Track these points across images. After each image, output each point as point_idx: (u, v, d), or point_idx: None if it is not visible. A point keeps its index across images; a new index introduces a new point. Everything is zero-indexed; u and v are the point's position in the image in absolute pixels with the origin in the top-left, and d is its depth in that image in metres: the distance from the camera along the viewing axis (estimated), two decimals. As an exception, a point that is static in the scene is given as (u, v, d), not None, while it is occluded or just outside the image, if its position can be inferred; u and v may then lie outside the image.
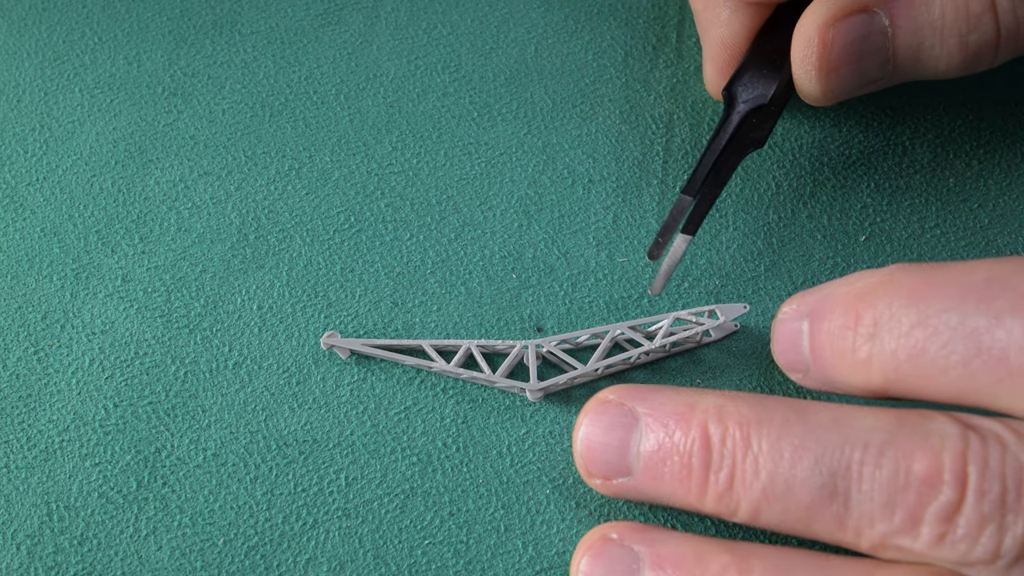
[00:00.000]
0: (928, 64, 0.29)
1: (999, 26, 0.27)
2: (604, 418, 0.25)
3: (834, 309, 0.24)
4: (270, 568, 0.27)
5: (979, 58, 0.28)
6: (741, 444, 0.23)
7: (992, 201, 0.32)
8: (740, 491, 0.23)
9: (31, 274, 0.31)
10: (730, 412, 0.24)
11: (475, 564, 0.27)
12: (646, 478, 0.25)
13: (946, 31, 0.28)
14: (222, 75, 0.34)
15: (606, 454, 0.25)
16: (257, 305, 0.30)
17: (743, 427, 0.23)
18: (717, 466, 0.23)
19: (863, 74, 0.29)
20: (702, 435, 0.24)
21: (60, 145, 0.33)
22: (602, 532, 0.25)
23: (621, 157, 0.33)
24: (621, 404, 0.25)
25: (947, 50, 0.28)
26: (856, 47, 0.28)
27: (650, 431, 0.25)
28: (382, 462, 0.28)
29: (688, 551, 0.24)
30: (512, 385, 0.28)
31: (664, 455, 0.24)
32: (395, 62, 0.35)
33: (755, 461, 0.23)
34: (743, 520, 0.24)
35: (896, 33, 0.28)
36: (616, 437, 0.25)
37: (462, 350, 0.29)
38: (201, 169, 0.33)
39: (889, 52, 0.28)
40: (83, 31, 0.35)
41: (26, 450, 0.28)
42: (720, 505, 0.24)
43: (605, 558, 0.25)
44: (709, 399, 0.24)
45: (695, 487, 0.24)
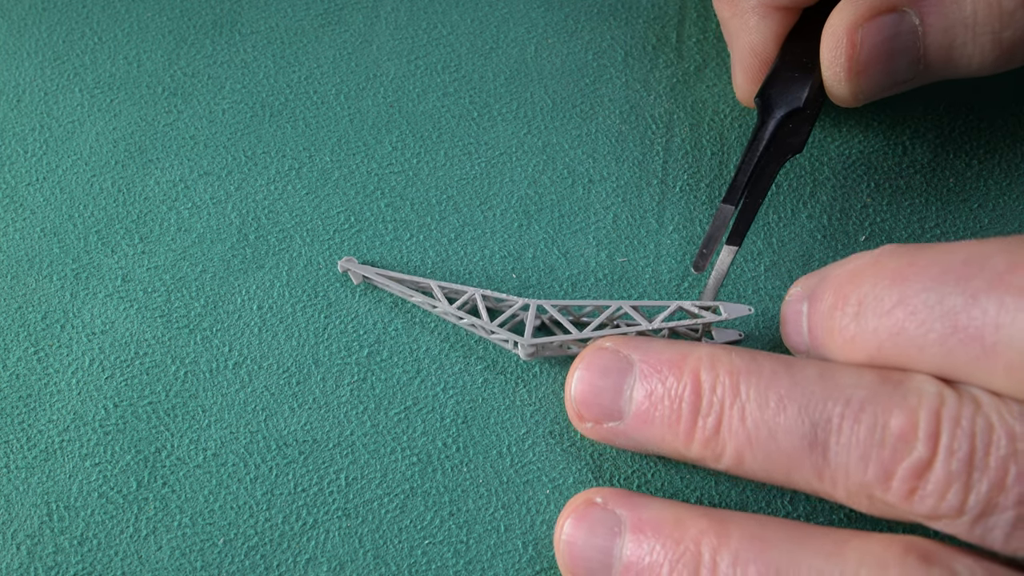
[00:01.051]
0: (960, 62, 0.28)
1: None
2: (599, 363, 0.26)
3: (827, 290, 0.25)
4: (270, 568, 0.27)
5: (1013, 55, 0.28)
6: (730, 391, 0.24)
7: (992, 201, 0.32)
8: (726, 436, 0.24)
9: (31, 274, 0.31)
10: (722, 361, 0.24)
11: (475, 564, 0.27)
12: (636, 422, 0.25)
13: (978, 29, 0.27)
14: (222, 75, 0.34)
15: (599, 397, 0.26)
16: (257, 305, 0.30)
17: (733, 375, 0.24)
18: (706, 411, 0.24)
19: (893, 74, 0.29)
20: (693, 381, 0.24)
21: (60, 145, 0.33)
22: (587, 496, 0.26)
23: (621, 157, 0.33)
24: (617, 351, 0.26)
25: (980, 48, 0.28)
26: (886, 47, 0.28)
27: (643, 377, 0.25)
28: (382, 462, 0.28)
29: (668, 516, 0.24)
30: (507, 338, 0.28)
31: (655, 400, 0.25)
32: (395, 62, 0.35)
33: (742, 408, 0.24)
34: (726, 466, 0.24)
35: (927, 32, 0.28)
36: (610, 381, 0.26)
37: (467, 295, 0.29)
38: (201, 169, 0.33)
39: (920, 51, 0.28)
40: (83, 31, 0.35)
41: (26, 450, 0.28)
42: (706, 450, 0.24)
43: (588, 520, 0.25)
44: (702, 349, 0.25)
45: (683, 432, 0.25)
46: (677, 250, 0.31)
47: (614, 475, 0.28)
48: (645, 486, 0.28)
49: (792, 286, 0.26)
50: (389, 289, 0.30)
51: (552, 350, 0.29)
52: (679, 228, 0.31)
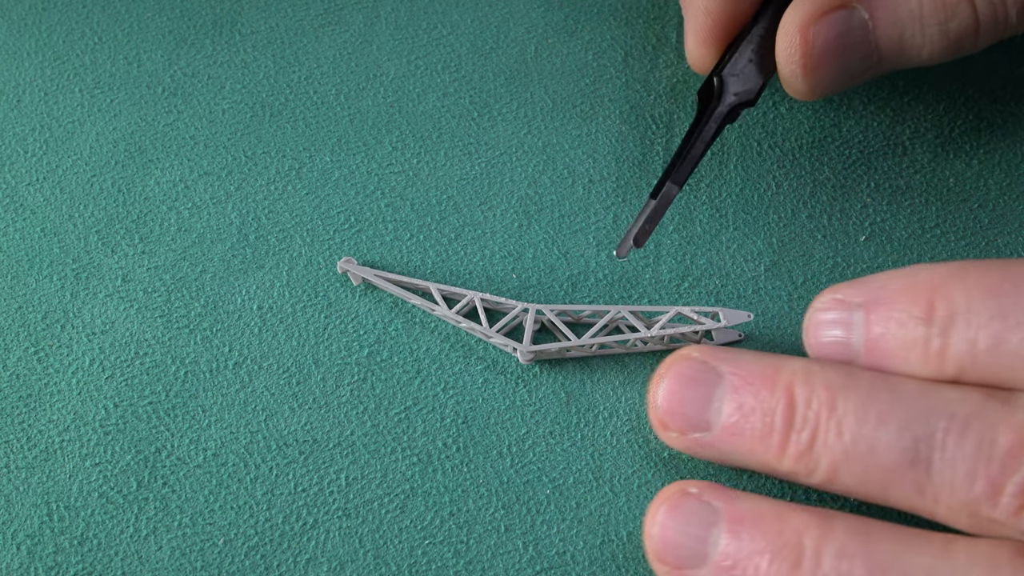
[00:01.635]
0: (912, 53, 0.29)
1: (976, 12, 0.28)
2: (686, 373, 0.26)
3: (898, 300, 0.24)
4: (270, 568, 0.27)
5: (961, 44, 0.29)
6: (826, 406, 0.24)
7: (992, 201, 0.32)
8: (821, 451, 0.23)
9: (31, 274, 0.31)
10: (817, 375, 0.24)
11: (475, 564, 0.27)
12: (725, 434, 0.25)
13: (925, 21, 0.28)
14: (222, 75, 0.34)
15: (686, 407, 0.25)
16: (257, 305, 0.30)
17: (829, 390, 0.24)
18: (800, 425, 0.24)
19: (848, 67, 0.29)
20: (787, 395, 0.24)
21: (60, 145, 0.33)
22: (680, 487, 0.25)
23: (621, 157, 0.33)
24: (704, 362, 0.25)
25: (929, 39, 0.28)
26: (838, 42, 0.28)
27: (734, 389, 0.25)
28: (382, 462, 0.28)
29: (767, 509, 0.24)
30: (505, 343, 0.28)
31: (746, 412, 0.24)
32: (395, 62, 0.35)
33: (839, 423, 0.23)
34: (819, 481, 0.24)
35: (876, 26, 0.28)
36: (698, 391, 0.25)
37: (465, 299, 0.29)
38: (201, 169, 0.33)
39: (872, 45, 0.29)
40: (83, 31, 0.35)
41: (26, 450, 0.28)
42: (799, 464, 0.24)
43: (683, 510, 0.25)
44: (796, 363, 0.25)
45: (775, 444, 0.24)
46: (677, 250, 0.31)
47: (614, 475, 0.28)
48: (645, 486, 0.28)
49: (819, 298, 0.26)
50: (389, 290, 0.30)
51: (551, 355, 0.29)
52: (679, 228, 0.31)
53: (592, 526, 0.27)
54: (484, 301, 0.29)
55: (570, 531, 0.27)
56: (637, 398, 0.29)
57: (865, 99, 0.34)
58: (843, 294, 0.25)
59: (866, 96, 0.34)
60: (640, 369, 0.29)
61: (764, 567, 0.23)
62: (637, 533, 0.27)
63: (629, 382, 0.29)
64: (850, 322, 0.25)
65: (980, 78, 0.34)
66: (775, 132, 0.33)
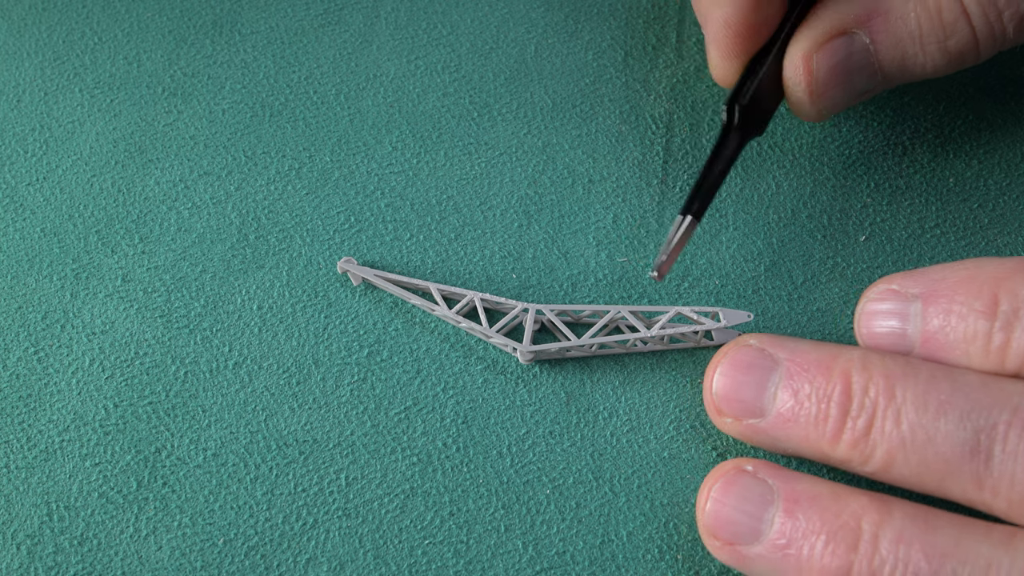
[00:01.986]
0: (916, 70, 0.29)
1: (974, 29, 0.28)
2: (743, 359, 0.26)
3: (959, 293, 0.24)
4: (270, 568, 0.27)
5: (963, 59, 0.29)
6: (884, 394, 0.24)
7: (992, 201, 0.32)
8: (877, 438, 0.23)
9: (31, 274, 0.31)
10: (875, 363, 0.24)
11: (475, 564, 0.27)
12: (779, 420, 0.25)
13: (924, 40, 0.29)
14: (222, 75, 0.34)
15: (741, 393, 0.26)
16: (257, 305, 0.30)
17: (888, 378, 0.24)
18: (856, 412, 0.24)
19: (853, 88, 0.30)
20: (844, 382, 0.24)
21: (60, 145, 0.33)
22: (736, 463, 0.25)
23: (621, 157, 0.33)
24: (762, 349, 0.26)
25: (930, 57, 0.29)
26: (841, 68, 0.29)
27: (789, 375, 0.25)
28: (382, 462, 0.28)
29: (824, 490, 0.24)
30: (505, 343, 0.28)
31: (801, 398, 0.25)
32: (395, 62, 0.35)
33: (897, 411, 0.23)
34: (874, 469, 0.24)
35: (878, 49, 0.29)
36: (753, 378, 0.25)
37: (465, 299, 0.29)
38: (201, 169, 0.33)
39: (875, 66, 0.29)
40: (83, 31, 0.35)
41: (26, 450, 0.28)
42: (853, 451, 0.24)
43: (739, 487, 0.25)
44: (854, 351, 0.25)
45: (830, 431, 0.24)
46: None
47: (614, 475, 0.28)
48: (645, 486, 0.28)
49: (872, 288, 0.26)
50: (388, 290, 0.30)
51: (551, 355, 0.29)
52: (679, 228, 0.31)
53: (592, 526, 0.27)
54: (484, 301, 0.29)
55: (570, 531, 0.27)
56: (637, 398, 0.29)
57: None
58: (899, 284, 0.25)
59: (866, 96, 0.34)
60: (640, 369, 0.29)
61: (819, 548, 0.23)
62: (637, 533, 0.27)
63: (629, 382, 0.29)
64: (906, 313, 0.25)
65: (980, 78, 0.34)
66: (775, 132, 0.33)
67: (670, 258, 0.28)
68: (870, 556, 0.23)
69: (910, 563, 0.22)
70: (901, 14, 0.28)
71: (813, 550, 0.23)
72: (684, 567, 0.27)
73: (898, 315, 0.25)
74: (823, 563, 0.23)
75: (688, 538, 0.27)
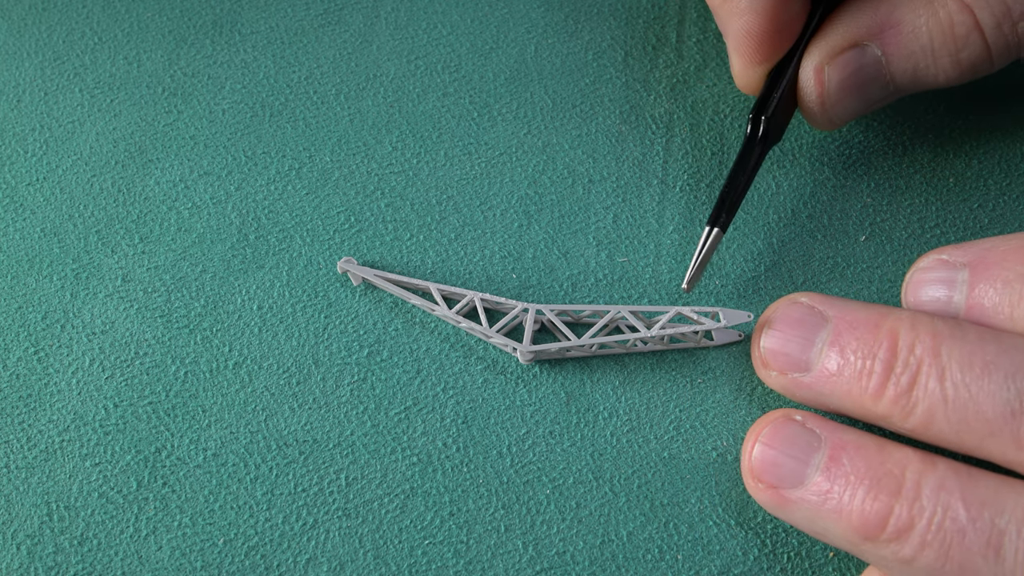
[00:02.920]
0: (928, 81, 0.30)
1: (987, 41, 0.28)
2: (792, 315, 0.26)
3: (1007, 260, 0.25)
4: (270, 568, 0.27)
5: (976, 70, 0.29)
6: (930, 352, 0.24)
7: (992, 201, 0.32)
8: (919, 395, 0.24)
9: (31, 274, 0.31)
10: (924, 323, 0.24)
11: (475, 564, 0.27)
12: (823, 375, 0.25)
13: (937, 53, 0.29)
14: (222, 75, 0.34)
15: (787, 346, 0.26)
16: (257, 305, 0.30)
17: (935, 337, 0.24)
18: (900, 369, 0.24)
19: (866, 99, 0.30)
20: (891, 339, 0.24)
21: (60, 145, 0.33)
22: (785, 412, 0.26)
23: (621, 157, 0.33)
24: (812, 306, 0.26)
25: (942, 69, 0.29)
26: (853, 79, 0.29)
27: (837, 332, 0.25)
28: (382, 462, 0.28)
29: (870, 441, 0.24)
30: (505, 343, 0.28)
31: (847, 354, 0.25)
32: (395, 62, 0.35)
33: (941, 369, 0.24)
34: (913, 426, 0.24)
35: (890, 61, 0.29)
36: (801, 332, 0.26)
37: (465, 299, 0.29)
38: (201, 169, 0.33)
39: (887, 78, 0.29)
40: (83, 31, 0.35)
41: (26, 450, 0.28)
42: (895, 407, 0.24)
43: (786, 433, 0.25)
44: (903, 312, 0.25)
45: (873, 386, 0.24)
46: (677, 250, 0.31)
47: (614, 475, 0.28)
48: (645, 486, 0.28)
49: (923, 258, 0.27)
50: (389, 290, 0.30)
51: (551, 355, 0.29)
52: (679, 228, 0.31)
53: (592, 526, 0.27)
54: (484, 301, 0.29)
55: (570, 531, 0.27)
56: (637, 398, 0.29)
57: (865, 99, 0.34)
58: (948, 255, 0.26)
59: (866, 96, 0.34)
60: (640, 369, 0.29)
61: (861, 494, 0.24)
62: (637, 533, 0.27)
63: (629, 382, 0.29)
64: (953, 280, 0.26)
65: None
66: (775, 132, 0.33)
67: (699, 270, 0.29)
68: (911, 502, 0.23)
69: (949, 510, 0.23)
70: (913, 27, 0.29)
71: (855, 495, 0.24)
72: (684, 567, 0.27)
73: (945, 283, 0.26)
74: (863, 507, 0.24)
75: (688, 538, 0.27)
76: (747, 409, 0.29)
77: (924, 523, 0.23)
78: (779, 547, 0.27)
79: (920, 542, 0.23)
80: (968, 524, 0.22)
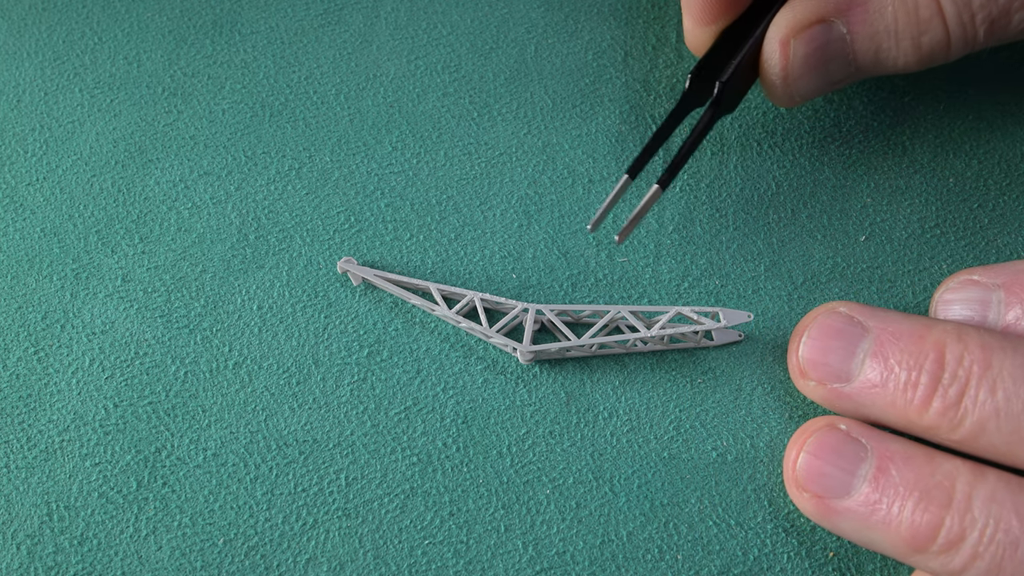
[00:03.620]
0: (887, 63, 0.30)
1: (947, 28, 0.29)
2: (832, 324, 0.26)
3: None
4: (270, 568, 0.27)
5: (933, 57, 0.29)
6: (980, 364, 0.24)
7: (992, 201, 0.32)
8: (969, 406, 0.24)
9: (31, 274, 0.31)
10: (972, 335, 0.24)
11: (475, 564, 0.27)
12: (865, 386, 0.25)
13: (899, 35, 0.29)
14: (222, 75, 0.34)
15: (827, 356, 0.26)
16: (257, 305, 0.30)
17: (985, 349, 0.24)
18: (949, 381, 0.24)
19: (828, 76, 0.30)
20: (937, 351, 0.24)
21: (60, 145, 0.33)
22: (829, 420, 0.26)
23: (621, 157, 0.33)
24: (852, 316, 0.26)
25: (903, 51, 0.29)
26: (817, 55, 0.29)
27: (879, 343, 0.25)
28: (382, 462, 0.28)
29: (918, 451, 0.24)
30: (505, 343, 0.28)
31: (891, 365, 0.25)
32: (395, 62, 0.35)
33: (993, 381, 0.23)
34: (962, 437, 0.24)
35: (854, 39, 0.29)
36: (842, 343, 0.26)
37: (465, 299, 0.29)
38: (201, 169, 0.33)
39: (850, 56, 0.29)
40: (83, 31, 0.35)
41: (26, 450, 0.28)
42: (942, 419, 0.24)
43: (832, 443, 0.25)
44: (948, 323, 0.25)
45: (919, 398, 0.24)
46: (677, 250, 0.31)
47: (614, 475, 0.28)
48: (645, 486, 0.28)
49: (957, 275, 0.27)
50: (388, 290, 0.30)
51: (551, 355, 0.29)
52: (679, 228, 0.31)
53: (592, 526, 0.27)
54: (484, 301, 0.29)
55: (570, 531, 0.27)
56: (637, 398, 0.29)
57: (865, 99, 0.34)
58: (980, 275, 0.26)
59: (866, 96, 0.34)
60: (640, 369, 0.29)
61: (911, 506, 0.23)
62: (637, 533, 0.27)
63: (629, 382, 0.29)
64: (988, 301, 0.26)
65: (980, 78, 0.34)
66: (775, 132, 0.33)
67: (631, 223, 0.28)
68: (962, 514, 0.23)
69: (1001, 521, 0.23)
70: (879, 7, 0.29)
71: (904, 507, 0.24)
72: (684, 567, 0.27)
73: (979, 303, 0.26)
74: (913, 519, 0.23)
75: (688, 538, 0.27)
76: (747, 409, 0.29)
77: (976, 535, 0.23)
78: (779, 547, 0.27)
79: (972, 554, 0.23)
80: (1021, 535, 0.22)
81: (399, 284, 0.30)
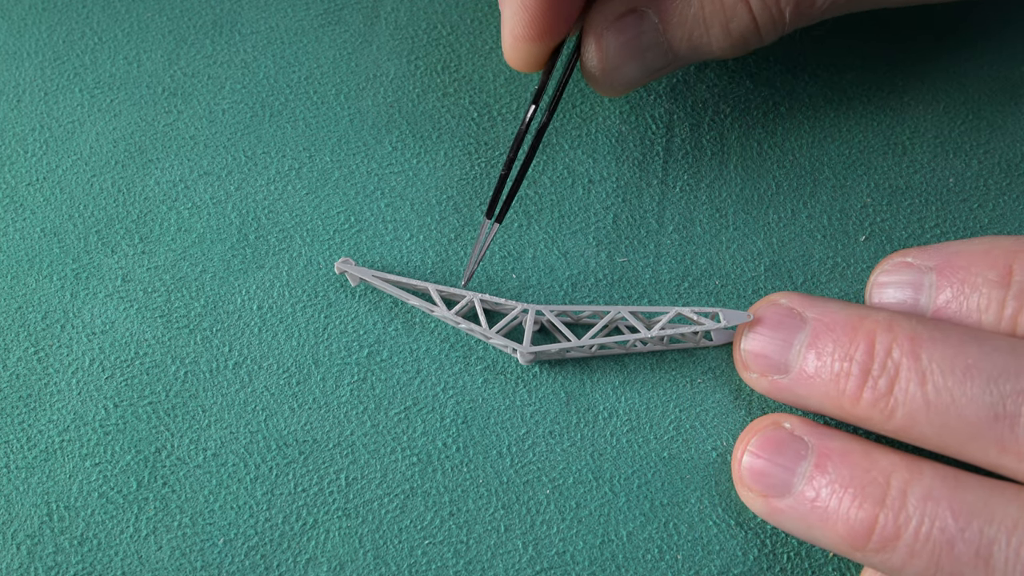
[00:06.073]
0: (703, 49, 0.30)
1: (753, 15, 0.29)
2: (772, 317, 0.27)
3: (974, 264, 0.25)
4: (270, 568, 0.27)
5: (746, 41, 0.29)
6: (909, 355, 0.24)
7: (992, 201, 0.32)
8: (900, 397, 0.24)
9: (31, 274, 0.31)
10: (902, 326, 0.24)
11: (475, 564, 0.27)
12: (802, 377, 0.26)
13: (708, 22, 0.29)
14: (222, 75, 0.34)
15: (767, 348, 0.26)
16: (257, 305, 0.30)
17: (914, 340, 0.24)
18: (878, 372, 0.24)
19: (646, 65, 0.30)
20: (867, 342, 0.24)
21: (60, 145, 0.33)
22: (774, 419, 0.26)
23: (621, 157, 0.33)
24: (791, 308, 0.26)
25: (715, 37, 0.29)
26: (631, 45, 0.29)
27: (814, 334, 0.25)
28: (382, 462, 0.28)
29: (856, 448, 0.24)
30: (505, 344, 0.28)
31: (824, 356, 0.25)
32: (395, 62, 0.35)
33: (922, 373, 0.24)
34: (895, 428, 0.24)
35: (666, 28, 0.29)
36: (781, 335, 0.26)
37: (465, 300, 0.29)
38: (201, 169, 0.33)
39: (665, 45, 0.29)
40: (83, 31, 0.35)
41: (26, 450, 0.28)
42: (874, 409, 0.24)
43: (775, 442, 0.26)
44: (881, 313, 0.25)
45: (851, 388, 0.24)
46: (677, 250, 0.31)
47: (614, 475, 0.28)
48: (645, 486, 0.28)
49: (891, 257, 0.27)
50: (387, 291, 0.30)
51: (551, 356, 0.29)
52: (679, 228, 0.31)
53: (592, 526, 0.27)
54: (484, 302, 0.29)
55: (570, 531, 0.27)
56: (637, 398, 0.29)
57: (865, 99, 0.34)
58: (914, 257, 0.26)
59: (866, 96, 0.34)
60: (640, 369, 0.29)
61: (847, 501, 0.24)
62: (637, 533, 0.27)
63: (629, 382, 0.29)
64: (920, 284, 0.26)
65: (980, 78, 0.34)
66: (775, 132, 0.33)
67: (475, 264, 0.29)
68: (896, 511, 0.23)
69: (937, 519, 0.23)
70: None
71: (840, 503, 0.24)
72: (684, 567, 0.27)
73: (912, 285, 0.26)
74: (849, 515, 0.24)
75: (688, 538, 0.27)
76: (747, 409, 0.29)
77: (911, 533, 0.23)
78: (779, 547, 0.27)
79: (908, 552, 0.23)
80: (957, 534, 0.22)
81: (397, 285, 0.30)
